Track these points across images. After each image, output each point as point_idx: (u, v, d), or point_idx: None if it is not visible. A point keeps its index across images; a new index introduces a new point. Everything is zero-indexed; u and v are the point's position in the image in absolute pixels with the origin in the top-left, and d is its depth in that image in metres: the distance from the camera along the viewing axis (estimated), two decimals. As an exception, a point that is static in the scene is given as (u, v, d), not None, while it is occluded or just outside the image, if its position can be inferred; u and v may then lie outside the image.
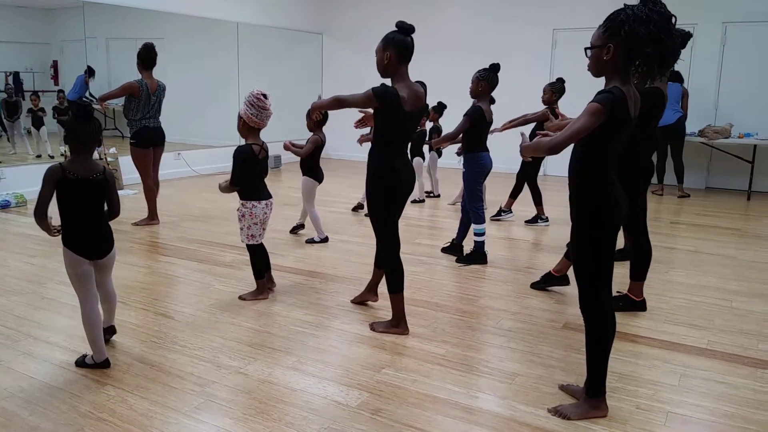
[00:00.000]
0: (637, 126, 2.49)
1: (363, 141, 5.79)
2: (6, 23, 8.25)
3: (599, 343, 2.45)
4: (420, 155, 6.99)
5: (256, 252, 3.86)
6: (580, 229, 2.40)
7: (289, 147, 5.14)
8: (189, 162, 8.96)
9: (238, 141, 3.86)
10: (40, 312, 3.60)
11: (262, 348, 3.15)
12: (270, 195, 3.87)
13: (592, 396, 2.52)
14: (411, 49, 3.15)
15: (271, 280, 4.05)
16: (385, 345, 3.21)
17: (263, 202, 3.80)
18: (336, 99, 3.22)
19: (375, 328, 3.40)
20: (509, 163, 7.22)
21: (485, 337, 3.34)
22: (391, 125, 3.16)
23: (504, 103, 5.88)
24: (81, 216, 2.76)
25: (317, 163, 5.23)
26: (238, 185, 3.72)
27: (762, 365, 3.04)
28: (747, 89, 8.32)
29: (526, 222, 6.20)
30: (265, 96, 3.66)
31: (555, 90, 5.76)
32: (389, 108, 3.09)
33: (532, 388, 2.76)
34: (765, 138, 7.94)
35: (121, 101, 5.79)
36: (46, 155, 8.24)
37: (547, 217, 6.18)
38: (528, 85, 8.34)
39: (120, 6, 7.86)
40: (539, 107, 5.91)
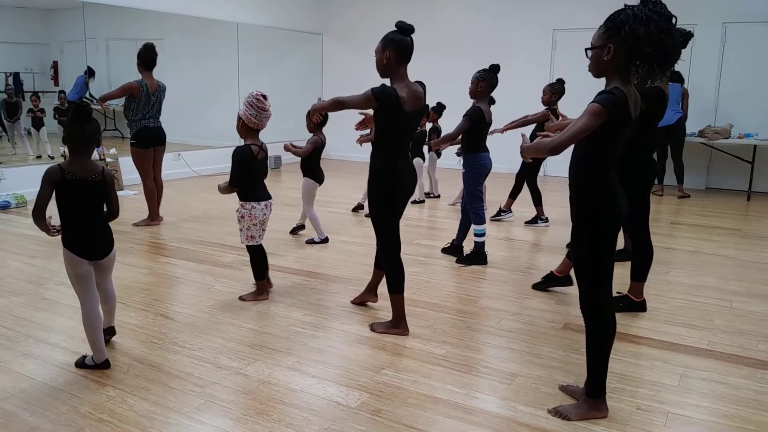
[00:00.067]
0: (639, 126, 2.49)
1: (363, 141, 5.79)
2: (6, 24, 8.25)
3: (599, 344, 2.45)
4: (420, 156, 6.99)
5: (255, 253, 3.86)
6: (580, 230, 2.40)
7: (289, 148, 5.15)
8: (189, 162, 8.96)
9: (237, 141, 3.85)
10: (40, 313, 3.60)
11: (262, 349, 3.14)
12: (269, 196, 3.87)
13: (592, 396, 2.52)
14: (410, 50, 3.15)
15: (269, 280, 4.05)
16: (385, 346, 3.21)
17: (263, 203, 3.80)
18: (336, 101, 3.22)
19: (375, 328, 3.40)
20: (509, 164, 7.22)
21: (485, 338, 3.34)
22: (391, 125, 3.16)
23: (503, 104, 5.88)
24: (80, 217, 2.76)
25: (318, 164, 5.23)
26: (236, 186, 3.72)
27: (762, 365, 3.04)
28: (747, 89, 8.32)
29: (525, 223, 6.20)
30: (265, 97, 3.66)
31: (555, 91, 5.75)
32: (389, 108, 3.09)
33: (532, 388, 2.76)
34: (765, 138, 7.94)
35: (122, 102, 5.78)
36: (46, 156, 8.25)
37: (547, 218, 6.18)
38: (528, 86, 8.33)
39: (120, 6, 7.85)
40: (539, 108, 5.91)
